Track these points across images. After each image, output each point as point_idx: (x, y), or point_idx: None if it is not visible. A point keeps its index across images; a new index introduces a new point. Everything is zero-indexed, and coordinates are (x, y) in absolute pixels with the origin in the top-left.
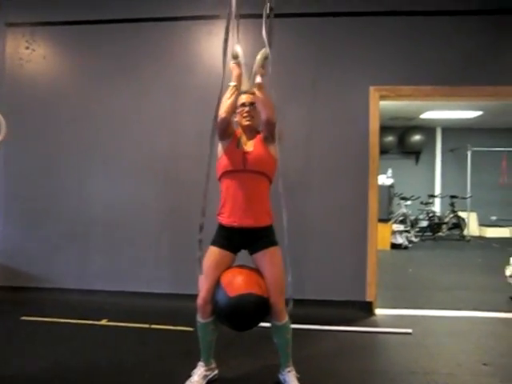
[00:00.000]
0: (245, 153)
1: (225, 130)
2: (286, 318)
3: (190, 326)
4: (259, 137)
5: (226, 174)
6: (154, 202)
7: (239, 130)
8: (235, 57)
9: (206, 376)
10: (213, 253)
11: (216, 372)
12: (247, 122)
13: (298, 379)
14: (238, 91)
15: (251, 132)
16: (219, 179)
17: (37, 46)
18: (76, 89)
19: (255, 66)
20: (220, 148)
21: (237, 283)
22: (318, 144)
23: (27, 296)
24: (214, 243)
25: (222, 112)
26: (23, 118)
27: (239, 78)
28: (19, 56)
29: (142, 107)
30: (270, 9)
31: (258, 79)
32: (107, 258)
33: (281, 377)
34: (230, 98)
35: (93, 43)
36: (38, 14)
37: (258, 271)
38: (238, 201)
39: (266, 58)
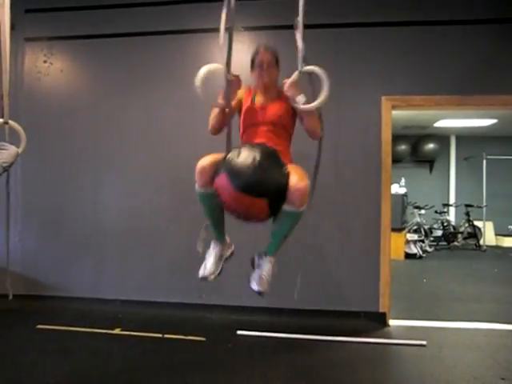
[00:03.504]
0: (263, 107)
1: (224, 124)
2: (304, 207)
3: (203, 336)
4: (283, 98)
5: (245, 130)
6: (168, 213)
7: (252, 88)
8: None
9: (221, 256)
10: None
11: (232, 249)
12: (263, 82)
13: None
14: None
15: (269, 91)
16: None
17: (54, 59)
18: (92, 101)
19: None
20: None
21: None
22: (331, 154)
23: (43, 305)
24: None
25: (211, 128)
26: (40, 129)
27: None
28: (37, 70)
29: (155, 118)
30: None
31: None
32: (121, 268)
33: (257, 259)
34: (215, 116)
35: (107, 56)
36: (56, 28)
37: None
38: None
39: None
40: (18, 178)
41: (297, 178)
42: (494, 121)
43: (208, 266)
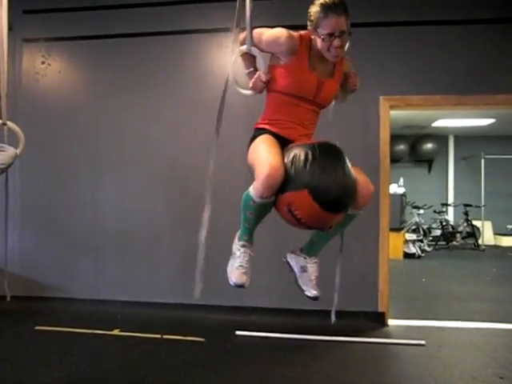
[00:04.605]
0: (321, 81)
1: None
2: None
3: (202, 337)
4: (337, 76)
5: (287, 94)
6: (167, 214)
7: (305, 46)
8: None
9: (251, 257)
10: (268, 136)
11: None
12: (335, 58)
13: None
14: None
15: (329, 62)
16: (269, 90)
17: (52, 60)
18: (90, 102)
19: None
20: (275, 57)
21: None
22: None
23: (41, 306)
24: (264, 133)
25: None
26: (38, 130)
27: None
28: (35, 71)
29: (154, 119)
30: (349, 33)
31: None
32: (120, 269)
33: (295, 260)
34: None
35: (106, 57)
36: (54, 29)
37: None
38: (294, 120)
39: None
40: (16, 178)
41: (364, 180)
42: (492, 120)
43: (244, 270)
